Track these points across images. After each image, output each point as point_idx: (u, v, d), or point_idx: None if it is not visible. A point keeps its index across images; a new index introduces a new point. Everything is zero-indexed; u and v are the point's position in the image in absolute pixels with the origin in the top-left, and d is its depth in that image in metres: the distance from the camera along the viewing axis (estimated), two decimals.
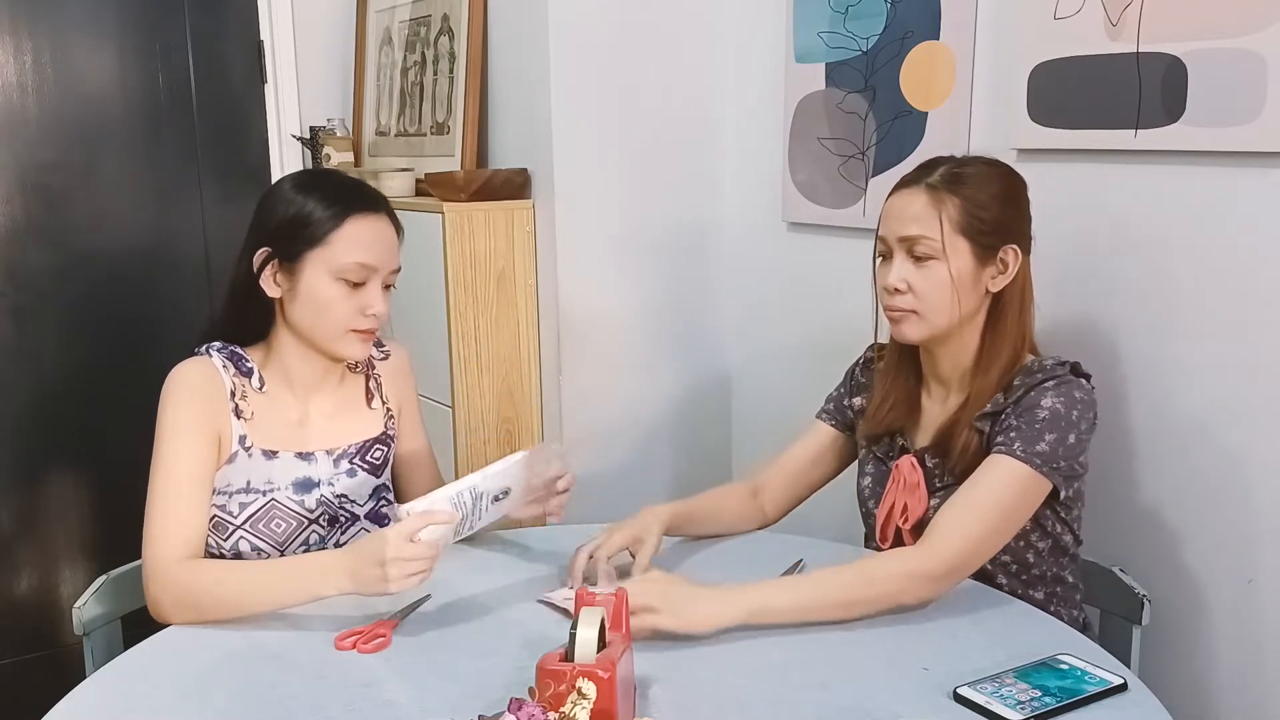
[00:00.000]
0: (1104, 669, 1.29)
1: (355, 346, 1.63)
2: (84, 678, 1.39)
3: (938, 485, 1.60)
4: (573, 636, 1.16)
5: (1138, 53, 1.69)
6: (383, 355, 1.79)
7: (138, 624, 1.61)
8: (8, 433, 2.78)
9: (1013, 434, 1.49)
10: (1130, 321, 1.77)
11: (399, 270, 1.65)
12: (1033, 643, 1.37)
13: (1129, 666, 1.45)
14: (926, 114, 2.07)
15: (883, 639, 1.41)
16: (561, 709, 1.07)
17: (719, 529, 1.75)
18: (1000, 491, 1.47)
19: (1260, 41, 1.54)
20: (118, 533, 2.78)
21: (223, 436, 1.59)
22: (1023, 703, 1.21)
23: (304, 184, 1.63)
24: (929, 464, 1.61)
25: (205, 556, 1.61)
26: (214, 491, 1.60)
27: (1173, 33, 1.64)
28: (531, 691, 1.14)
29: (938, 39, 2.03)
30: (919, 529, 1.57)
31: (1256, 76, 1.54)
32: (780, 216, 2.44)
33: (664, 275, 2.55)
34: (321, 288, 1.58)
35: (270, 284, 1.60)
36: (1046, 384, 1.51)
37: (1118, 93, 1.72)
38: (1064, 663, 1.31)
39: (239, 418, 1.60)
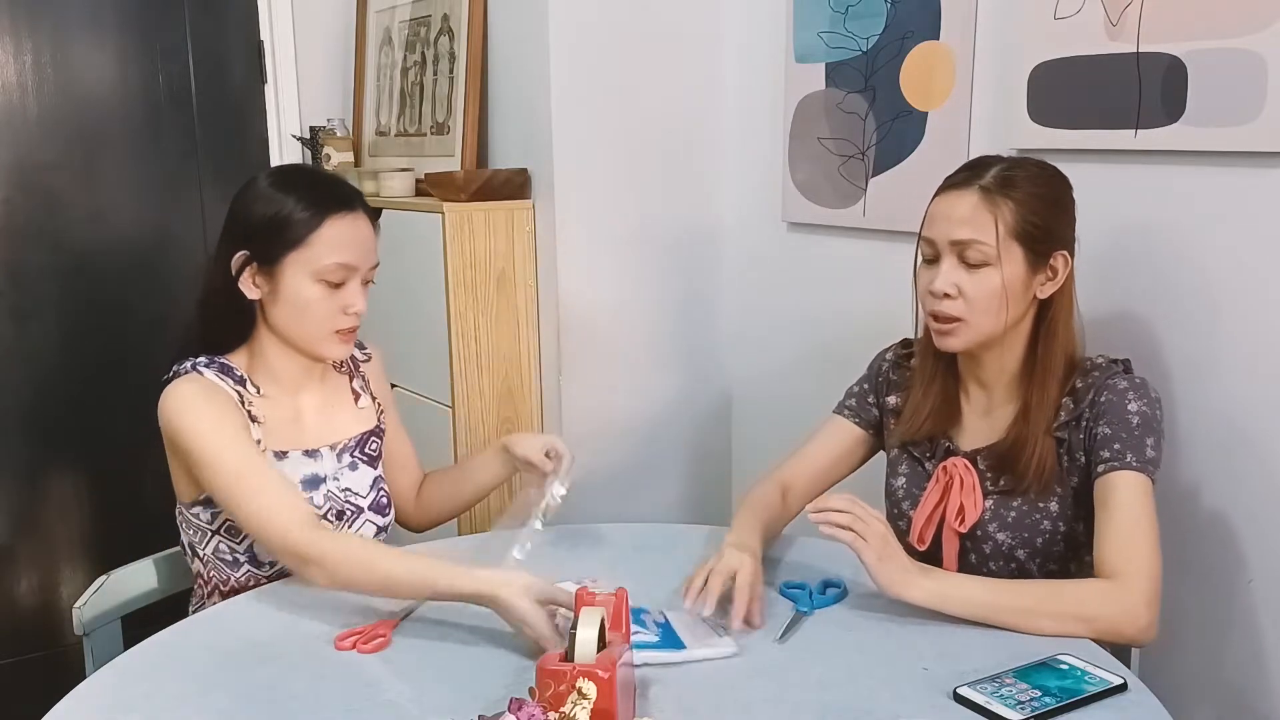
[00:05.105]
0: (1104, 669, 1.29)
1: (337, 347, 1.63)
2: (84, 678, 1.39)
3: (990, 489, 1.59)
4: (572, 636, 1.16)
5: (1138, 53, 1.69)
6: (365, 357, 1.82)
7: (138, 624, 1.61)
8: (8, 433, 2.78)
9: (1117, 446, 1.48)
10: (1129, 321, 1.77)
11: (377, 266, 1.65)
12: (1033, 643, 1.37)
13: (1129, 666, 1.45)
14: (926, 114, 2.07)
15: (883, 639, 1.41)
16: (561, 709, 1.07)
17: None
18: (1141, 507, 1.45)
19: (1260, 41, 1.54)
20: (118, 533, 2.79)
21: (249, 432, 1.59)
22: (1023, 703, 1.21)
23: (279, 183, 1.61)
24: (981, 466, 1.59)
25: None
26: None
27: (1173, 33, 1.64)
28: (531, 691, 1.15)
29: (938, 39, 2.03)
30: (973, 531, 1.57)
31: (1256, 76, 1.54)
32: (780, 216, 2.44)
33: (664, 275, 2.55)
34: (303, 289, 1.57)
35: (250, 286, 1.59)
36: (1120, 385, 1.51)
37: (1118, 93, 1.72)
38: (1064, 663, 1.31)
39: (255, 422, 1.61)
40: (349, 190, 1.65)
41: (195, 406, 1.56)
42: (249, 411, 1.60)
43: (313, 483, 1.65)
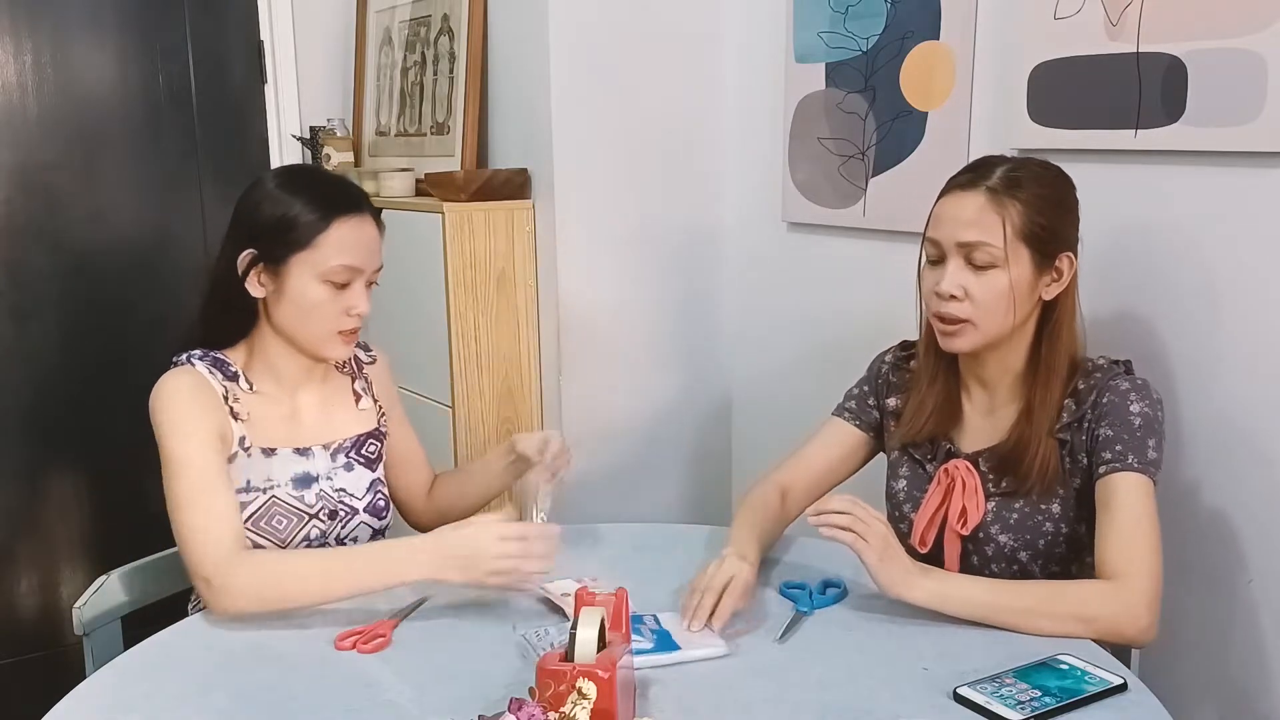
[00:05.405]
0: (1104, 669, 1.29)
1: (339, 348, 1.64)
2: (84, 678, 1.39)
3: (992, 490, 1.59)
4: (573, 636, 1.16)
5: (1138, 53, 1.69)
6: (370, 359, 1.82)
7: (138, 624, 1.61)
8: (8, 433, 2.77)
9: (1119, 447, 1.48)
10: (1129, 321, 1.77)
11: (381, 268, 1.66)
12: (1033, 643, 1.37)
13: (1129, 667, 1.45)
14: (926, 114, 2.07)
15: (883, 639, 1.41)
16: (561, 709, 1.07)
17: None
18: (1143, 508, 1.45)
19: (1260, 41, 1.54)
20: (118, 533, 2.79)
21: (225, 437, 1.59)
22: (1023, 703, 1.21)
23: (287, 183, 1.62)
24: (983, 468, 1.59)
25: None
26: None
27: (1173, 33, 1.64)
28: (531, 691, 1.15)
29: (938, 39, 2.03)
30: (975, 533, 1.57)
31: (1256, 76, 1.54)
32: (780, 216, 2.44)
33: (664, 275, 2.55)
34: (308, 290, 1.58)
35: (255, 285, 1.60)
36: (1122, 387, 1.51)
37: (1118, 93, 1.72)
38: (1064, 663, 1.31)
39: (236, 419, 1.61)
40: (356, 192, 1.65)
41: (174, 404, 1.56)
42: (232, 408, 1.60)
43: (304, 481, 1.65)
